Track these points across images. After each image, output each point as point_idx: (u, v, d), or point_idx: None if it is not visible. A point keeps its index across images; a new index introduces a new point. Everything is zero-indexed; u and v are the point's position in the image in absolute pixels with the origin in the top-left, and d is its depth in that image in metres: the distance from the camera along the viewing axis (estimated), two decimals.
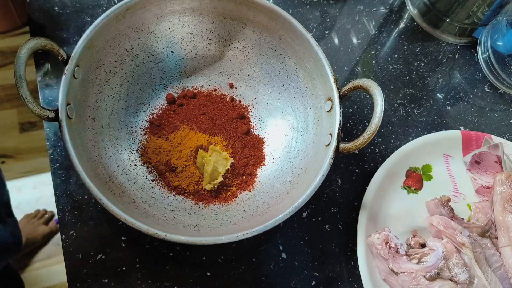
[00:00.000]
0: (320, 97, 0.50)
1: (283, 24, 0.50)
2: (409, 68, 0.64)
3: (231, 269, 0.48)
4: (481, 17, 0.63)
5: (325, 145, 0.46)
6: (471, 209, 0.54)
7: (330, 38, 0.64)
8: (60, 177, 0.50)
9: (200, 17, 0.53)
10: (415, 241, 0.49)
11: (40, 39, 0.41)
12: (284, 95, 0.55)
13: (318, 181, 0.42)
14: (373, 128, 0.43)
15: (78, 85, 0.44)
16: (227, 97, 0.56)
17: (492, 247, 0.50)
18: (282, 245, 0.50)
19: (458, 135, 0.57)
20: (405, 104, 0.61)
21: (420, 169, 0.56)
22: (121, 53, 0.50)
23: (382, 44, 0.65)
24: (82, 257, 0.46)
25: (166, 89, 0.55)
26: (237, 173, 0.51)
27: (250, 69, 0.56)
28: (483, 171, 0.56)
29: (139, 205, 0.45)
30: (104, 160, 0.46)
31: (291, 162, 0.51)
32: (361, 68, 0.63)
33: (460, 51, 0.67)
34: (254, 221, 0.45)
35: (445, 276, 0.46)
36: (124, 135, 0.51)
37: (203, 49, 0.55)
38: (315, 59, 0.49)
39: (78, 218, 0.48)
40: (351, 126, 0.58)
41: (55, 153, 0.51)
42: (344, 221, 0.53)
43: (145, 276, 0.47)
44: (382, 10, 0.68)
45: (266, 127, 0.55)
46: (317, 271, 0.50)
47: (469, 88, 0.64)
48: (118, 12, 0.46)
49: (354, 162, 0.56)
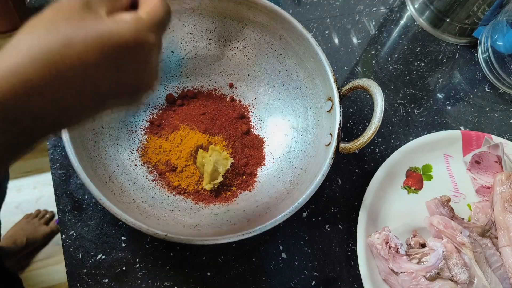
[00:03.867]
0: (320, 97, 0.50)
1: (283, 24, 0.50)
2: (409, 68, 0.64)
3: (231, 269, 0.48)
4: (481, 17, 0.63)
5: (325, 145, 0.46)
6: (471, 209, 0.54)
7: (330, 38, 0.64)
8: (60, 177, 0.50)
9: (200, 17, 0.53)
10: (415, 241, 0.49)
11: None
12: (284, 95, 0.55)
13: (318, 181, 0.42)
14: (373, 128, 0.43)
15: None
16: (227, 97, 0.56)
17: (492, 247, 0.50)
18: (282, 245, 0.50)
19: (458, 135, 0.57)
20: (405, 104, 0.61)
21: (420, 169, 0.56)
22: None
23: (382, 44, 0.65)
24: (82, 257, 0.46)
25: (166, 89, 0.55)
26: (237, 173, 0.51)
27: (250, 69, 0.56)
28: (483, 171, 0.56)
29: (139, 205, 0.45)
30: (104, 160, 0.46)
31: (291, 162, 0.51)
32: (361, 68, 0.63)
33: (460, 51, 0.67)
34: (254, 221, 0.45)
35: (445, 276, 0.46)
36: (124, 135, 0.51)
37: (203, 49, 0.55)
38: (315, 59, 0.49)
39: (78, 218, 0.48)
40: (351, 126, 0.58)
41: (55, 153, 0.51)
42: (344, 221, 0.53)
43: (145, 276, 0.47)
44: (382, 10, 0.68)
45: (266, 127, 0.55)
46: (317, 271, 0.50)
47: (469, 88, 0.64)
48: None
49: (354, 162, 0.56)
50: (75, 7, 0.25)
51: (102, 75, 0.25)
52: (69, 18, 0.25)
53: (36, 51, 0.23)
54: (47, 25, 0.24)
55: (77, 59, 0.24)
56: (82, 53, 0.24)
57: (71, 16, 0.25)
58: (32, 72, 0.23)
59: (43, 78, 0.23)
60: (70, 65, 0.24)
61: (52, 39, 0.24)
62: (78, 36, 0.24)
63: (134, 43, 0.26)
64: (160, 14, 0.28)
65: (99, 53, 0.24)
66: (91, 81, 0.25)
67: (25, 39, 0.24)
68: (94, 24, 0.25)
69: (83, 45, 0.24)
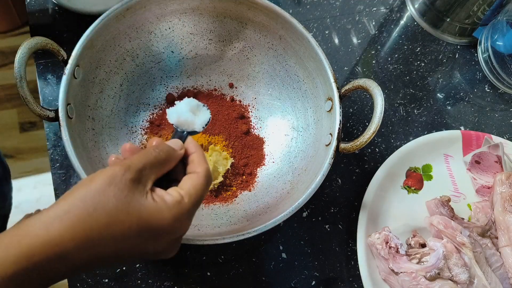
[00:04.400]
0: (320, 97, 0.50)
1: (283, 24, 0.50)
2: (409, 68, 0.64)
3: (231, 269, 0.48)
4: (481, 17, 0.63)
5: (325, 145, 0.46)
6: (471, 209, 0.54)
7: (330, 38, 0.64)
8: (60, 177, 0.50)
9: (200, 17, 0.53)
10: (415, 241, 0.49)
11: (40, 39, 0.41)
12: (284, 95, 0.55)
13: (318, 181, 0.42)
14: (373, 128, 0.43)
15: (78, 85, 0.44)
16: (227, 97, 0.56)
17: (492, 247, 0.50)
18: (282, 245, 0.50)
19: (458, 135, 0.57)
20: (405, 104, 0.61)
21: (420, 169, 0.56)
22: (121, 53, 0.50)
23: (382, 44, 0.65)
24: None
25: (166, 89, 0.55)
26: (237, 173, 0.51)
27: (250, 69, 0.56)
28: (483, 171, 0.56)
29: None
30: (104, 160, 0.46)
31: (291, 162, 0.51)
32: (361, 68, 0.63)
33: (460, 51, 0.67)
34: (254, 221, 0.45)
35: (445, 276, 0.46)
36: (124, 135, 0.51)
37: (203, 49, 0.55)
38: (315, 59, 0.49)
39: None
40: (351, 126, 0.58)
41: (55, 153, 0.51)
42: (344, 221, 0.53)
43: (145, 276, 0.47)
44: (382, 10, 0.68)
45: (266, 127, 0.55)
46: (317, 271, 0.50)
47: (469, 88, 0.64)
48: (118, 12, 0.46)
49: (354, 162, 0.56)
50: (126, 182, 0.27)
51: (128, 246, 0.28)
52: (117, 196, 0.27)
53: (79, 230, 0.26)
54: (95, 199, 0.26)
55: (113, 240, 0.26)
56: (119, 236, 0.27)
57: (120, 194, 0.27)
58: (70, 248, 0.25)
59: (77, 252, 0.26)
60: (105, 244, 0.26)
61: (96, 220, 0.26)
62: (120, 221, 0.26)
63: (170, 231, 0.29)
64: (203, 193, 0.31)
65: (134, 237, 0.27)
66: (118, 253, 0.27)
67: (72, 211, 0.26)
68: (138, 205, 0.27)
69: (122, 229, 0.26)
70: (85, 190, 0.26)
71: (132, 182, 0.27)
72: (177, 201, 0.28)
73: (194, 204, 0.30)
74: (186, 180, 0.31)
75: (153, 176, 0.29)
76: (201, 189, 0.30)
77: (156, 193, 0.29)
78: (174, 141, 0.33)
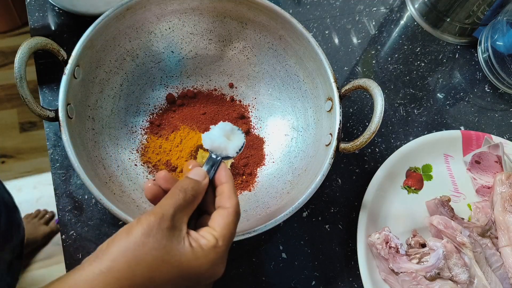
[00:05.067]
0: (320, 97, 0.50)
1: (283, 24, 0.50)
2: (409, 68, 0.64)
3: (231, 269, 0.48)
4: (481, 17, 0.63)
5: (325, 145, 0.46)
6: (471, 209, 0.54)
7: (330, 38, 0.64)
8: (60, 177, 0.50)
9: (200, 17, 0.53)
10: (415, 241, 0.49)
11: (40, 39, 0.41)
12: (284, 95, 0.55)
13: (318, 181, 0.42)
14: (373, 128, 0.43)
15: (78, 85, 0.44)
16: (227, 97, 0.56)
17: (492, 247, 0.50)
18: (282, 245, 0.50)
19: (458, 135, 0.57)
20: (405, 104, 0.61)
21: (420, 169, 0.56)
22: (121, 53, 0.50)
23: (382, 44, 0.65)
24: (82, 257, 0.46)
25: (166, 89, 0.55)
26: (237, 173, 0.51)
27: (250, 69, 0.56)
28: (483, 171, 0.56)
29: (140, 205, 0.45)
30: (104, 160, 0.46)
31: (291, 162, 0.51)
32: (361, 68, 0.63)
33: (460, 51, 0.67)
34: (254, 221, 0.45)
35: (445, 276, 0.46)
36: (124, 135, 0.51)
37: (203, 49, 0.55)
38: (315, 59, 0.49)
39: (78, 218, 0.48)
40: (351, 126, 0.58)
41: (55, 153, 0.51)
42: (344, 221, 0.53)
43: None
44: (382, 10, 0.68)
45: (266, 127, 0.55)
46: (317, 271, 0.50)
47: (469, 88, 0.64)
48: (118, 12, 0.46)
49: (354, 162, 0.56)
50: (163, 232, 0.28)
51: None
52: (156, 248, 0.27)
53: (124, 286, 0.26)
54: (136, 252, 0.27)
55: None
56: (161, 286, 0.27)
57: (158, 245, 0.27)
58: None
59: None
60: None
61: (139, 274, 0.27)
62: (162, 272, 0.27)
63: (208, 276, 0.29)
64: (234, 232, 0.31)
65: (175, 285, 0.28)
66: None
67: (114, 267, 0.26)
68: (177, 254, 0.28)
69: (164, 280, 0.27)
70: (125, 244, 0.27)
71: (169, 230, 0.28)
72: (213, 246, 0.29)
73: (227, 245, 0.30)
74: (217, 217, 0.31)
75: (185, 218, 0.30)
76: (233, 228, 0.31)
77: (192, 237, 0.29)
78: (196, 171, 0.34)
